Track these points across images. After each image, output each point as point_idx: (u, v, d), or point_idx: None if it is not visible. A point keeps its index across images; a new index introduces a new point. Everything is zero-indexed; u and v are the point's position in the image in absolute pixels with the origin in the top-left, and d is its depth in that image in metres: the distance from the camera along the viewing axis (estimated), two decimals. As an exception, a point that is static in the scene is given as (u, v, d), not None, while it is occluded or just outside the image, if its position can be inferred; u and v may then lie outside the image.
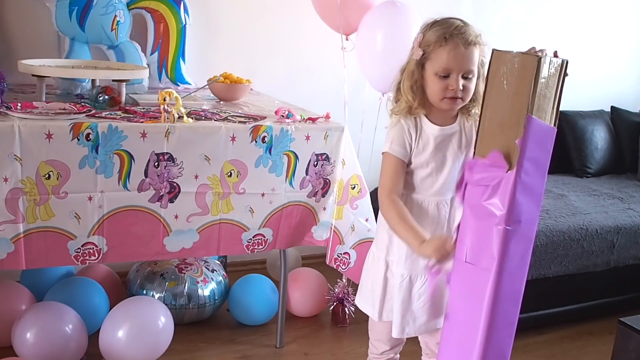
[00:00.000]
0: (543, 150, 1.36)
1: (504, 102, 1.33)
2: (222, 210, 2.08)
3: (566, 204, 2.95)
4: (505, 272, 1.36)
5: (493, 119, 1.35)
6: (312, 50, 2.98)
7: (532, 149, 1.32)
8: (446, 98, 1.52)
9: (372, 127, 2.51)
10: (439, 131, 1.59)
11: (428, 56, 1.53)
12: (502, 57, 1.32)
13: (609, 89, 3.94)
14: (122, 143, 1.86)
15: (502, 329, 1.42)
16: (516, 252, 1.37)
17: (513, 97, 1.31)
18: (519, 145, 1.30)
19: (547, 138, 1.36)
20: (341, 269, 2.35)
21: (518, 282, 1.43)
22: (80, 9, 2.35)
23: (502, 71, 1.31)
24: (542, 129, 1.34)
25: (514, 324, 1.45)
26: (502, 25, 3.35)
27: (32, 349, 1.97)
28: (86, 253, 1.93)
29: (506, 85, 1.32)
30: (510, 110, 1.32)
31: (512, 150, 1.31)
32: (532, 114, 1.30)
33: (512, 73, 1.31)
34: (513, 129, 1.31)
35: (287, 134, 2.10)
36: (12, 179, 1.76)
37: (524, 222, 1.36)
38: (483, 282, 1.36)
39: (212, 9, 2.78)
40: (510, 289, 1.40)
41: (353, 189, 2.25)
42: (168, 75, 2.61)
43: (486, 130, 1.36)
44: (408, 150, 1.59)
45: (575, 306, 2.82)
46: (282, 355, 2.41)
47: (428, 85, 1.55)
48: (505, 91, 1.32)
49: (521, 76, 1.30)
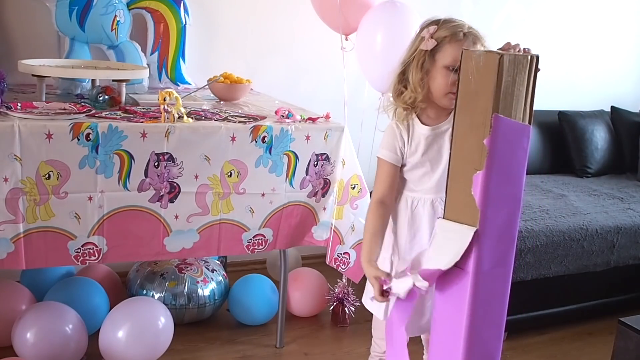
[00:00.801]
0: (517, 148, 1.33)
1: (472, 102, 1.31)
2: (222, 211, 2.08)
3: (566, 204, 2.95)
4: (481, 274, 1.35)
5: (464, 119, 1.34)
6: (312, 50, 2.98)
7: (501, 148, 1.30)
8: (451, 93, 1.52)
9: (372, 127, 2.51)
10: (429, 131, 1.60)
11: (440, 48, 1.52)
12: (470, 56, 1.30)
13: (609, 89, 3.95)
14: (122, 143, 1.86)
15: (487, 329, 1.40)
16: (493, 253, 1.36)
17: (479, 96, 1.29)
18: (487, 145, 1.29)
19: (520, 136, 1.33)
20: (341, 269, 2.35)
21: (500, 282, 1.41)
22: (80, 8, 2.35)
23: (469, 70, 1.30)
24: (512, 127, 1.31)
25: (500, 324, 1.43)
26: (502, 25, 3.36)
27: (32, 349, 1.97)
28: (86, 253, 1.93)
29: (473, 84, 1.30)
30: (477, 110, 1.30)
31: (481, 150, 1.30)
32: (499, 112, 1.27)
33: (478, 71, 1.29)
34: (481, 129, 1.29)
35: (287, 134, 2.10)
36: (12, 179, 1.76)
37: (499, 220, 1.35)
38: (462, 283, 1.36)
39: (212, 9, 2.78)
40: (490, 289, 1.39)
41: (353, 189, 2.25)
42: (168, 75, 2.61)
43: (458, 130, 1.35)
44: (399, 155, 1.62)
45: (575, 306, 2.82)
46: (282, 355, 2.41)
47: (435, 78, 1.54)
48: (472, 90, 1.30)
49: (485, 74, 1.28)
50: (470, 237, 1.31)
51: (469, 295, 1.35)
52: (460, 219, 1.35)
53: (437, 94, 1.55)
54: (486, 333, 1.41)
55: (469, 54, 1.30)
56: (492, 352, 1.44)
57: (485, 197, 1.31)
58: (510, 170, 1.34)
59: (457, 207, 1.37)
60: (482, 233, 1.32)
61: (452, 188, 1.38)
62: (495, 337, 1.44)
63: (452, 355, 1.40)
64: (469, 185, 1.32)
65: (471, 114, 1.32)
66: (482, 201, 1.31)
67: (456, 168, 1.36)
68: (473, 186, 1.31)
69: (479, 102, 1.29)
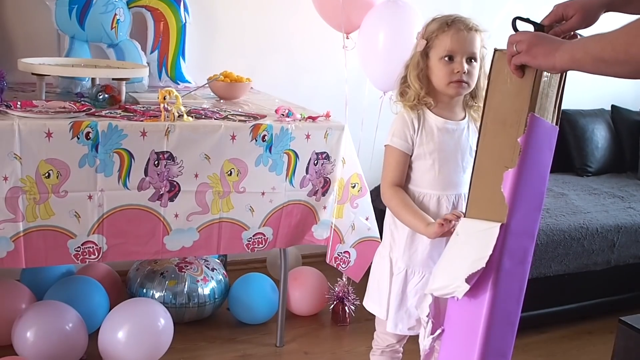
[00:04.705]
0: (545, 149, 1.36)
1: (506, 101, 1.33)
2: (222, 209, 2.08)
3: (566, 202, 2.95)
4: (503, 271, 1.35)
5: (495, 117, 1.35)
6: (312, 48, 2.98)
7: (534, 147, 1.32)
8: (452, 82, 1.56)
9: (372, 126, 2.51)
10: (443, 123, 1.61)
11: (432, 44, 1.58)
12: (505, 56, 1.32)
13: (609, 87, 3.94)
14: (122, 142, 1.86)
15: (502, 328, 1.41)
16: (516, 250, 1.37)
17: (515, 96, 1.31)
18: (520, 143, 1.30)
19: (550, 137, 1.37)
20: (341, 268, 2.35)
21: (518, 280, 1.42)
22: (80, 7, 2.35)
23: (505, 70, 1.31)
24: (545, 128, 1.34)
25: (515, 323, 1.44)
26: (502, 25, 3.34)
27: (32, 348, 1.97)
28: (86, 252, 1.93)
29: (509, 84, 1.32)
30: (512, 109, 1.32)
31: (514, 149, 1.31)
32: (535, 112, 1.30)
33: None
34: (515, 128, 1.31)
35: (288, 132, 2.10)
36: (11, 177, 1.75)
37: (524, 218, 1.36)
38: (482, 280, 1.36)
39: (212, 8, 2.77)
40: (510, 287, 1.40)
41: (353, 187, 2.25)
42: (168, 73, 2.61)
43: (488, 128, 1.37)
44: (410, 143, 1.62)
45: (576, 305, 2.82)
46: (282, 354, 2.41)
47: (434, 72, 1.59)
48: (507, 90, 1.32)
49: (524, 74, 1.30)
50: (497, 232, 1.32)
51: (490, 291, 1.35)
52: (485, 216, 1.36)
53: (440, 86, 1.59)
54: (502, 331, 1.41)
55: (502, 54, 1.32)
56: (505, 350, 1.44)
57: (515, 195, 1.32)
58: (538, 169, 1.36)
59: (482, 205, 1.38)
60: (508, 230, 1.33)
61: (477, 186, 1.38)
62: (509, 334, 1.44)
63: (466, 352, 1.40)
64: (497, 183, 1.33)
65: (504, 113, 1.33)
66: (511, 198, 1.32)
67: (483, 166, 1.37)
68: (503, 183, 1.32)
69: (515, 101, 1.31)
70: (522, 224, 1.36)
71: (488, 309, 1.36)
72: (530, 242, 1.41)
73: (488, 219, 1.35)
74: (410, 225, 1.60)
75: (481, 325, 1.37)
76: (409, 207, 1.59)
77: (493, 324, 1.37)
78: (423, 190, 1.63)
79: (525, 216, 1.36)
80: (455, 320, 1.46)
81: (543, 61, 1.20)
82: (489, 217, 1.35)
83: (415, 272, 1.66)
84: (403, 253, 1.66)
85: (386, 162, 1.65)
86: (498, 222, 1.33)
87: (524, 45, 1.23)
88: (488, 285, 1.35)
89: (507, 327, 1.43)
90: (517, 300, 1.43)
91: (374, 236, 2.27)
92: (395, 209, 1.63)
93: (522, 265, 1.41)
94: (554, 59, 1.17)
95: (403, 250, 1.66)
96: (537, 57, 1.21)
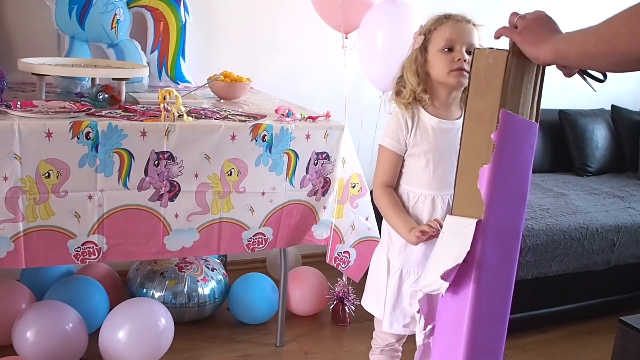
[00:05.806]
0: (524, 145, 1.36)
1: (482, 99, 1.34)
2: (222, 209, 2.08)
3: (566, 202, 2.95)
4: (486, 268, 1.35)
5: (473, 115, 1.36)
6: (312, 48, 2.98)
7: (509, 143, 1.32)
8: (453, 71, 1.56)
9: (372, 126, 2.51)
10: (438, 123, 1.61)
11: (430, 37, 1.58)
12: (481, 54, 1.33)
13: (609, 87, 3.91)
14: (122, 142, 1.86)
15: (489, 326, 1.40)
16: (498, 247, 1.37)
17: (488, 93, 1.32)
18: (494, 139, 1.30)
19: (528, 134, 1.36)
20: (341, 268, 2.35)
21: (504, 278, 1.41)
22: (80, 7, 2.35)
23: (481, 68, 1.32)
24: (519, 124, 1.33)
25: (503, 322, 1.44)
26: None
27: (32, 348, 1.97)
28: (86, 252, 1.93)
29: (483, 81, 1.33)
30: (486, 106, 1.33)
31: (488, 145, 1.31)
32: (506, 108, 1.30)
33: (488, 68, 1.32)
34: (488, 124, 1.32)
35: (287, 132, 2.10)
36: (11, 177, 1.75)
37: (504, 215, 1.36)
38: (466, 276, 1.36)
39: (212, 8, 2.77)
40: (494, 283, 1.39)
41: (353, 187, 2.25)
42: (168, 73, 2.61)
43: (468, 127, 1.38)
44: (402, 144, 1.62)
45: (576, 305, 2.82)
46: (282, 354, 2.41)
47: (433, 64, 1.58)
48: (482, 87, 1.33)
49: (494, 71, 1.31)
50: (474, 227, 1.32)
51: (472, 288, 1.35)
52: (467, 214, 1.36)
53: (441, 77, 1.58)
54: (489, 329, 1.41)
55: (481, 52, 1.33)
56: (494, 349, 1.44)
57: (491, 191, 1.32)
58: (516, 165, 1.36)
59: (464, 202, 1.38)
60: (486, 226, 1.33)
61: (460, 184, 1.39)
62: (498, 334, 1.43)
63: (454, 350, 1.40)
64: (476, 180, 1.34)
65: (480, 110, 1.34)
66: (488, 195, 1.32)
67: (465, 163, 1.38)
68: (479, 180, 1.33)
69: (488, 98, 1.32)
70: (502, 221, 1.36)
71: (472, 305, 1.36)
72: (514, 239, 1.40)
73: (469, 216, 1.35)
74: (394, 227, 1.62)
75: (465, 322, 1.37)
76: (395, 209, 1.60)
77: (478, 321, 1.37)
78: (418, 191, 1.63)
79: (505, 213, 1.36)
80: (444, 317, 1.47)
81: (529, 49, 1.20)
82: (470, 214, 1.35)
83: (410, 272, 1.66)
84: (399, 253, 1.67)
85: (378, 162, 1.67)
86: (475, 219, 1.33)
87: (522, 25, 1.22)
88: (470, 282, 1.35)
89: (494, 325, 1.42)
90: (504, 299, 1.42)
91: (373, 236, 2.27)
92: (383, 210, 1.64)
93: (507, 262, 1.40)
94: (539, 50, 1.16)
95: (399, 250, 1.67)
96: (525, 42, 1.20)
